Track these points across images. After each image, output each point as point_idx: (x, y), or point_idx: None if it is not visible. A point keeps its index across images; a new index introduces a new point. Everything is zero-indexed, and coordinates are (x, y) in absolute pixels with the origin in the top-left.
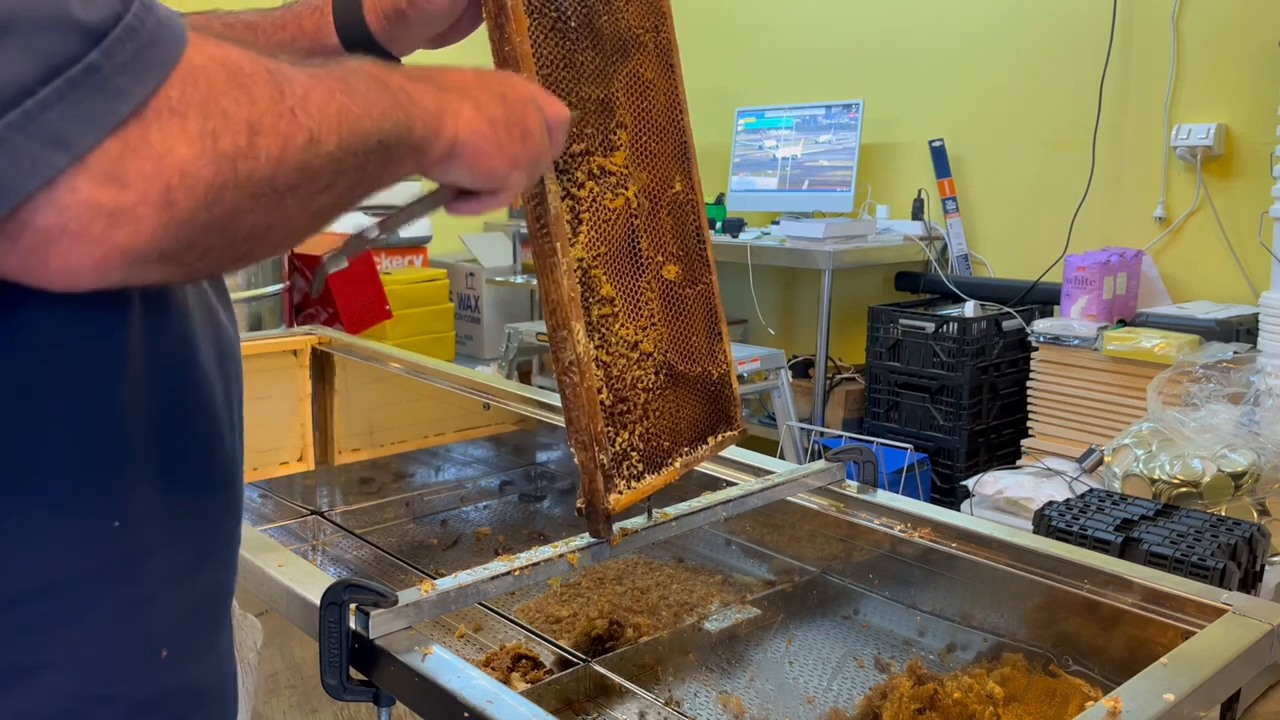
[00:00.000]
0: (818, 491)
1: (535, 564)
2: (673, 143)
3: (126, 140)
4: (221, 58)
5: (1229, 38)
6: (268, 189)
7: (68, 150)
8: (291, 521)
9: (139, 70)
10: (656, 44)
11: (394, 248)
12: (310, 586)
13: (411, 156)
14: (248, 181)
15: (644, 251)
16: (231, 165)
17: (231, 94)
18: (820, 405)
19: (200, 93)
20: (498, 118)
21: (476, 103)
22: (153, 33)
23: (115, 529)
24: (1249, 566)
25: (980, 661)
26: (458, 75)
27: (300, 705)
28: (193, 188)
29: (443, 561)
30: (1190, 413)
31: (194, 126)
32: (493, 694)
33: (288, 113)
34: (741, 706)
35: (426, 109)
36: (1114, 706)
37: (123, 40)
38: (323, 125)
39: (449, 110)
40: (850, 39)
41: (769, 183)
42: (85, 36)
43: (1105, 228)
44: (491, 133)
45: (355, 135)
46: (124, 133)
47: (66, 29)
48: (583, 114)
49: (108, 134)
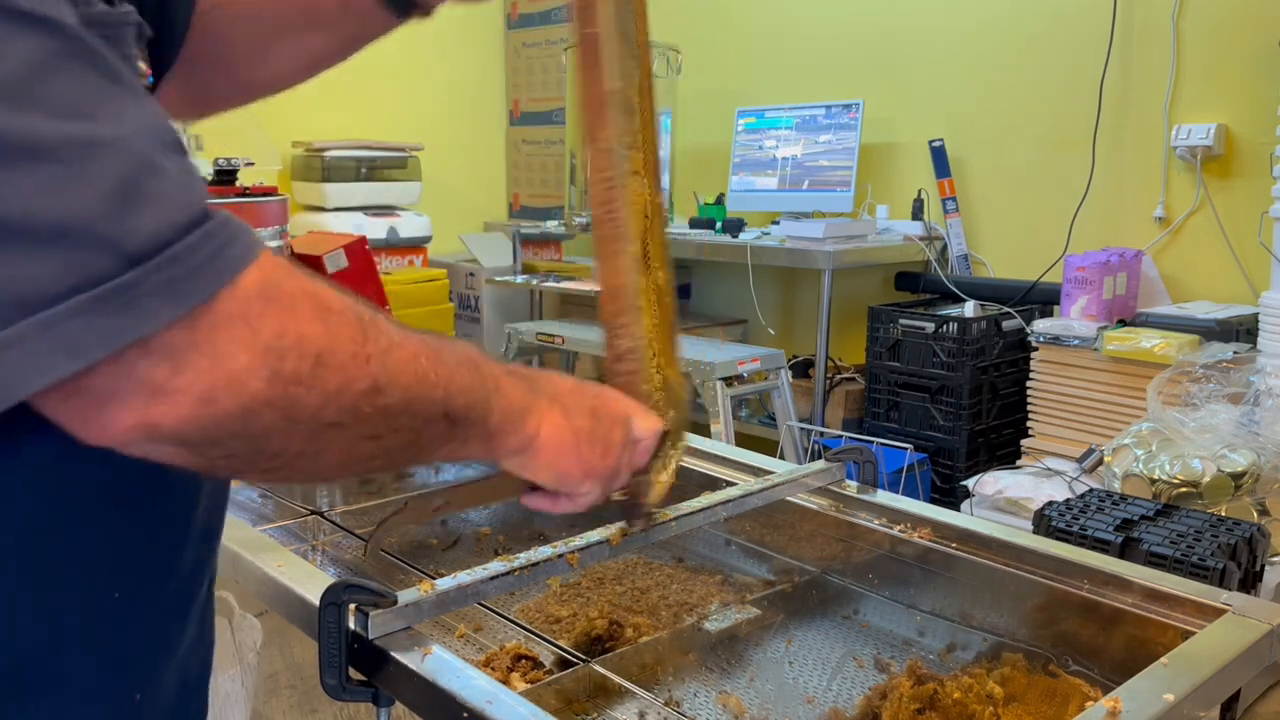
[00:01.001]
0: (818, 491)
1: (535, 564)
2: (656, 149)
3: (194, 332)
4: (312, 291)
5: (1229, 38)
6: (311, 418)
7: (77, 359)
8: (291, 521)
9: (173, 295)
10: (645, 49)
11: (394, 248)
12: (310, 586)
13: (481, 440)
14: (295, 405)
15: (649, 253)
16: (285, 386)
17: (312, 324)
18: (820, 405)
19: (280, 314)
20: (582, 429)
21: (565, 410)
22: (208, 255)
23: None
24: (1249, 566)
25: (980, 661)
26: (554, 382)
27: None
28: (239, 394)
29: (443, 561)
30: (1190, 413)
31: (262, 341)
32: (492, 694)
33: (362, 357)
34: (741, 706)
35: (511, 402)
36: (1114, 706)
37: (162, 267)
38: (393, 380)
39: (535, 410)
40: (850, 39)
41: (769, 183)
42: (123, 259)
43: (1105, 228)
44: (573, 441)
45: (422, 400)
46: (192, 324)
47: (107, 250)
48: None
49: (142, 337)
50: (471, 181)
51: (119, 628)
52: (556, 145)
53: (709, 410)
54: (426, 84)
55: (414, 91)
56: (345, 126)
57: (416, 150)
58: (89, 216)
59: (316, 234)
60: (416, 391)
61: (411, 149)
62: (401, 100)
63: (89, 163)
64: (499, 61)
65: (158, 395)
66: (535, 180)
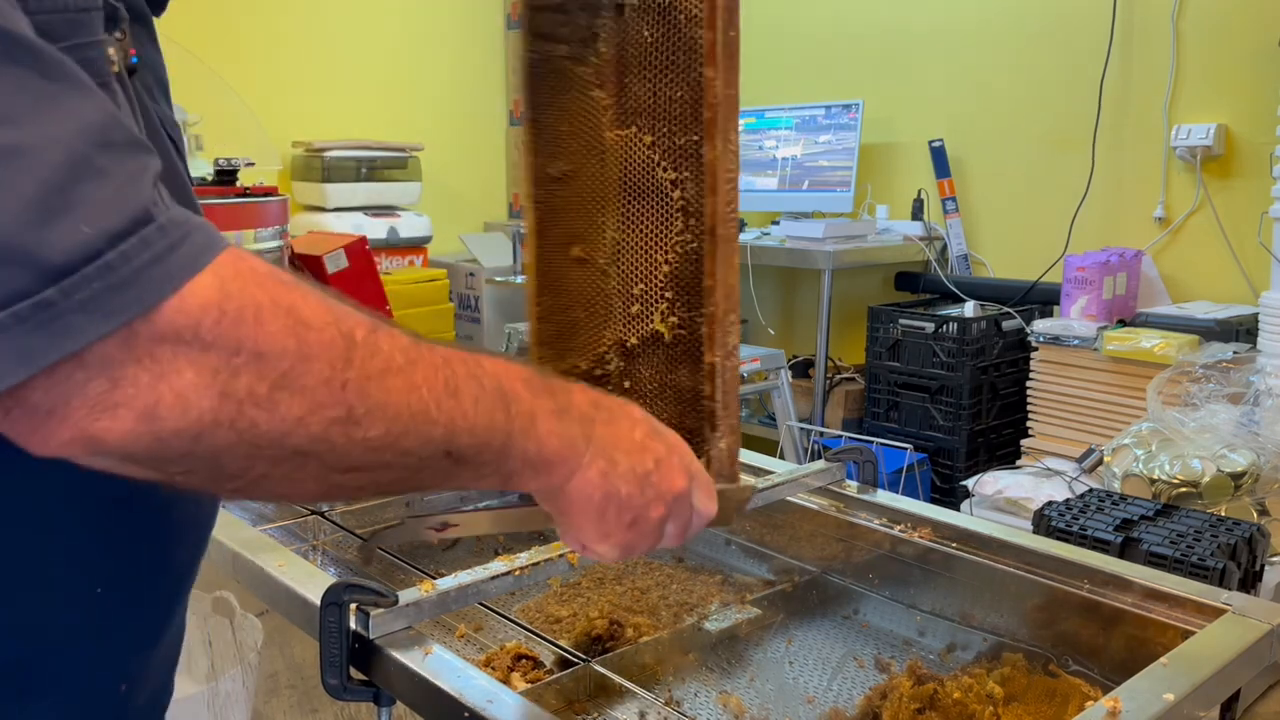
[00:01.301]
0: (818, 491)
1: (535, 564)
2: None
3: (132, 347)
4: (287, 303)
5: (1229, 38)
6: (273, 444)
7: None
8: (291, 521)
9: (99, 311)
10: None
11: (394, 248)
12: (310, 586)
13: (498, 478)
14: (252, 428)
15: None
16: (238, 406)
17: (277, 339)
18: (820, 405)
19: (236, 326)
20: (618, 494)
21: (611, 466)
22: (137, 271)
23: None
24: (1249, 566)
25: (980, 661)
26: (618, 429)
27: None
28: (185, 412)
29: (443, 561)
30: (1190, 413)
31: (213, 359)
32: (493, 694)
33: (337, 383)
34: (741, 706)
35: (541, 448)
36: (1114, 706)
37: (90, 279)
38: (374, 411)
39: (569, 462)
40: (850, 39)
41: (769, 183)
42: (42, 274)
43: (1105, 228)
44: (600, 505)
45: (412, 436)
46: (129, 337)
47: (25, 265)
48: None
49: (49, 365)
50: (471, 181)
51: (113, 625)
52: None
53: None
54: (426, 84)
55: (414, 91)
56: (345, 126)
57: (416, 150)
58: (5, 230)
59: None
60: (406, 426)
61: (411, 149)
62: (401, 100)
63: (6, 171)
64: (499, 61)
65: (97, 409)
66: None
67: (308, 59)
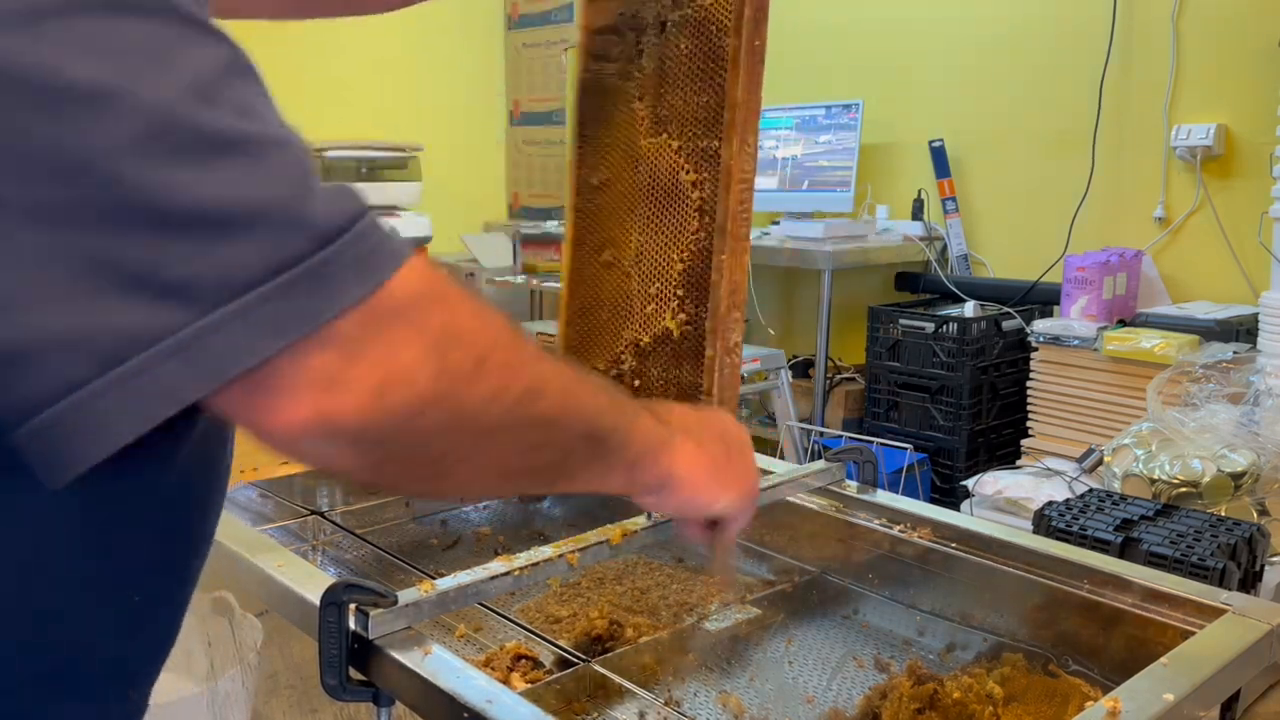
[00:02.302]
0: (818, 491)
1: (535, 564)
2: None
3: (365, 324)
4: (463, 288)
5: (1229, 38)
6: (474, 418)
7: (279, 338)
8: (291, 521)
9: (362, 270)
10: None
11: None
12: (310, 586)
13: (622, 469)
14: (459, 405)
15: None
16: (451, 382)
17: (473, 322)
18: (820, 405)
19: (444, 307)
20: (718, 456)
21: (699, 440)
22: (377, 241)
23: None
24: (1249, 566)
25: (980, 661)
26: (678, 412)
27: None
28: (409, 386)
29: (443, 561)
30: (1190, 413)
31: (429, 337)
32: (493, 694)
33: (521, 359)
34: (741, 706)
35: (648, 434)
36: (1114, 706)
37: (351, 244)
38: (548, 385)
39: (670, 445)
40: (850, 39)
41: (769, 183)
42: (317, 239)
43: (1105, 228)
44: (710, 468)
45: (573, 412)
46: (363, 316)
47: (302, 230)
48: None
49: (329, 321)
50: (471, 181)
51: (136, 635)
52: (556, 145)
53: None
54: (426, 84)
55: (414, 92)
56: (345, 126)
57: (416, 150)
58: (283, 201)
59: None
60: (568, 401)
61: (411, 149)
62: (401, 100)
63: (273, 157)
64: (499, 62)
65: (334, 386)
66: (535, 180)
67: (308, 59)
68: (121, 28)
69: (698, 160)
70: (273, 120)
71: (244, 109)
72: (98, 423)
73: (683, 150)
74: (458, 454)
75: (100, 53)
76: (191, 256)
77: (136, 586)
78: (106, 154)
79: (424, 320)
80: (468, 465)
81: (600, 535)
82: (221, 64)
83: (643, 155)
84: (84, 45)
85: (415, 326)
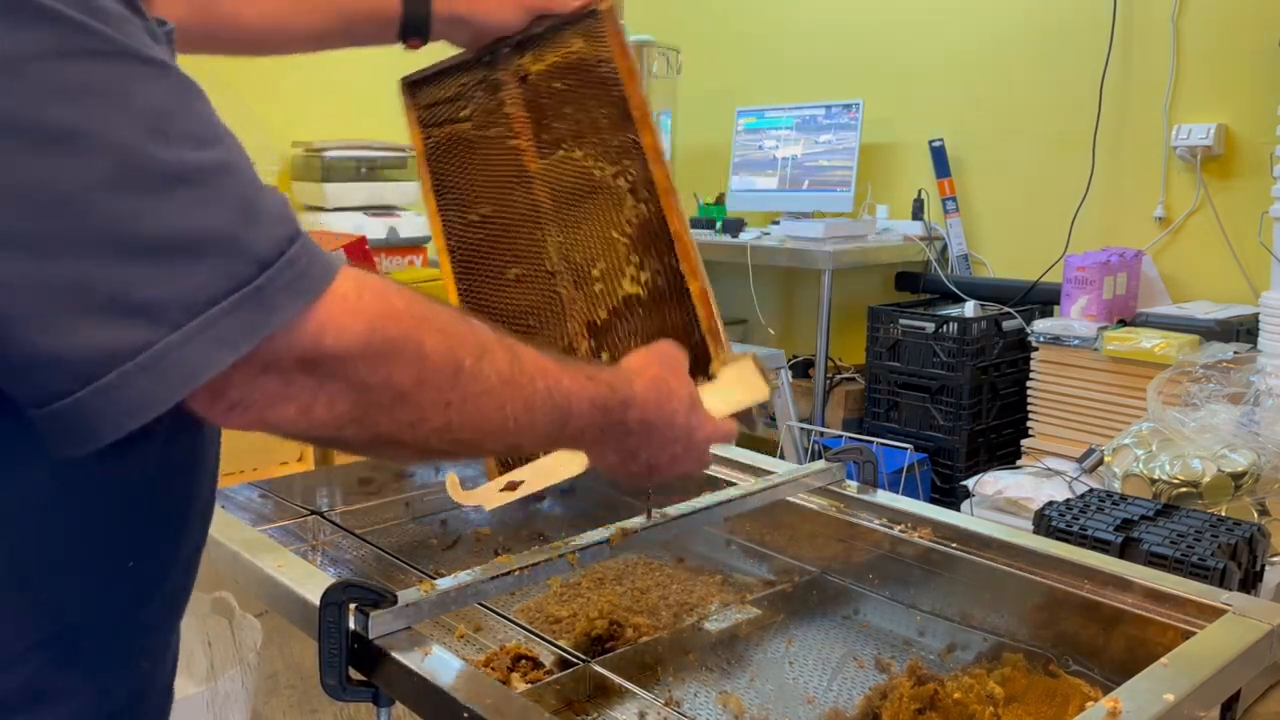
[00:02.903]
0: (818, 491)
1: (535, 564)
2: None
3: (292, 348)
4: (413, 336)
5: (1229, 38)
6: (390, 439)
7: (233, 352)
8: (291, 521)
9: (294, 292)
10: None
11: (394, 248)
12: (310, 586)
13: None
14: (373, 426)
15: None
16: (366, 412)
17: (402, 369)
18: (820, 405)
19: (378, 350)
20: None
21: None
22: (307, 264)
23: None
24: (1249, 566)
25: (980, 662)
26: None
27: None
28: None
29: (443, 561)
30: (1190, 413)
31: (357, 371)
32: (492, 694)
33: (441, 403)
34: (741, 706)
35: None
36: (1114, 707)
37: (283, 269)
38: (465, 425)
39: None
40: (850, 39)
41: (769, 183)
42: (257, 263)
43: (1105, 228)
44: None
45: (492, 442)
46: (289, 341)
47: (245, 256)
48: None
49: (267, 337)
50: None
51: (141, 604)
52: None
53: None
54: None
55: None
56: (345, 126)
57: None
58: (231, 229)
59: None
60: (486, 436)
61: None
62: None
63: (221, 185)
64: None
65: (272, 403)
66: None
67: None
68: (86, 71)
69: (614, 155)
70: (218, 141)
71: (194, 137)
72: (80, 430)
73: (590, 155)
74: (375, 450)
75: (70, 96)
76: (158, 280)
77: (130, 553)
78: (84, 190)
79: (346, 356)
80: (385, 456)
81: (600, 535)
82: (169, 94)
83: (536, 176)
84: (56, 89)
85: (344, 363)
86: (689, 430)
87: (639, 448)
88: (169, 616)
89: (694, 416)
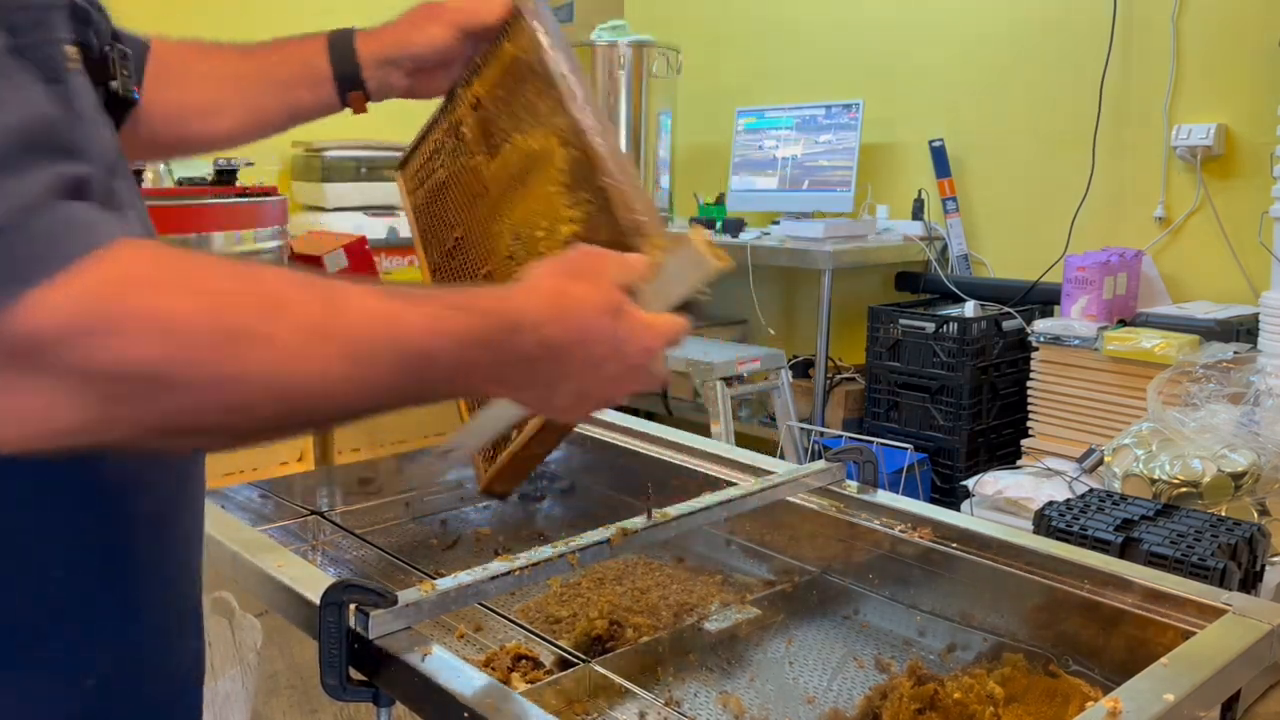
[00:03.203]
0: (818, 491)
1: (535, 564)
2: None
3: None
4: (161, 312)
5: (1229, 38)
6: (159, 428)
7: None
8: (291, 521)
9: (12, 277)
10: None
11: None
12: (310, 586)
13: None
14: (117, 436)
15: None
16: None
17: (141, 353)
18: (820, 405)
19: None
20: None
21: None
22: (13, 246)
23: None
24: (1249, 566)
25: (980, 661)
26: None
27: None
28: (47, 424)
29: (443, 561)
30: (1190, 413)
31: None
32: (492, 694)
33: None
34: (741, 706)
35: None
36: (1114, 707)
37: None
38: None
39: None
40: (850, 39)
41: (769, 183)
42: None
43: (1105, 228)
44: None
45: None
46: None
47: None
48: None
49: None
50: None
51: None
52: None
53: (709, 410)
54: None
55: None
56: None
57: None
58: None
59: (316, 234)
60: (290, 406)
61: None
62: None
63: None
64: None
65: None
66: None
67: None
68: None
69: (546, 120)
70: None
71: None
72: None
73: (529, 135)
74: (200, 442)
75: None
76: None
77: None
78: None
79: (54, 339)
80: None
81: (600, 535)
82: None
83: (490, 180)
84: None
85: (47, 353)
86: (616, 342)
87: (555, 376)
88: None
89: (620, 324)
